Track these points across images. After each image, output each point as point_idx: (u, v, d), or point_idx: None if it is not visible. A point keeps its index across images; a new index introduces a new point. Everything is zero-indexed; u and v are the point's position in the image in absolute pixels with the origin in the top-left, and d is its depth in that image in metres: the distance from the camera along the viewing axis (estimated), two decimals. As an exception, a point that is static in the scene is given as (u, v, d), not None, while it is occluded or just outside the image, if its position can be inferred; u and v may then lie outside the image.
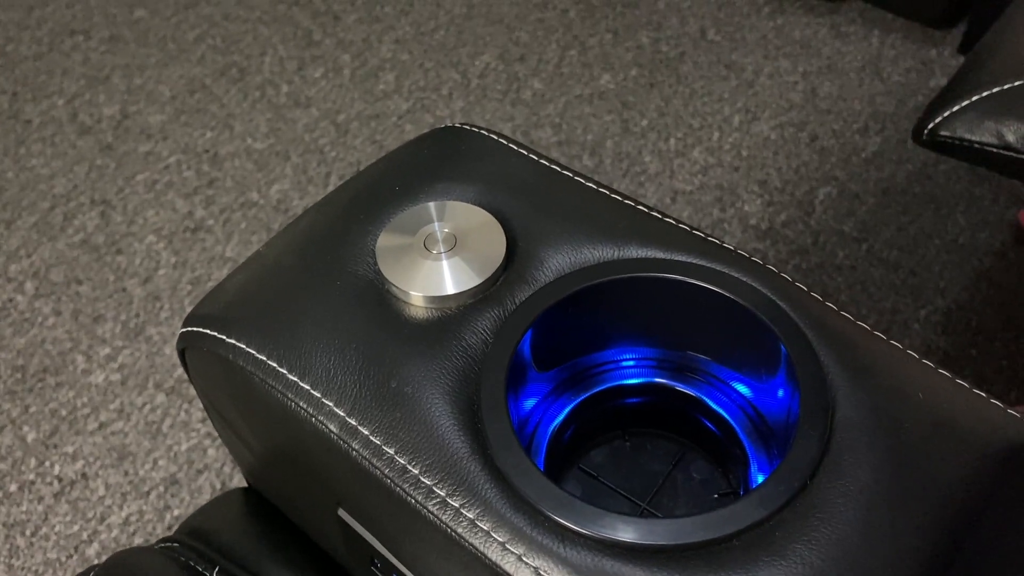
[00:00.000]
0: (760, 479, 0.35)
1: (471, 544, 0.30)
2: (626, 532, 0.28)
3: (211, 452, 0.98)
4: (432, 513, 0.31)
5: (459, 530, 0.30)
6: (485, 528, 0.30)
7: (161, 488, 0.96)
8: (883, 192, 1.18)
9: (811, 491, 0.29)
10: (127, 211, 1.21)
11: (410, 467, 0.31)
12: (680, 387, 0.38)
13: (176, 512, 0.95)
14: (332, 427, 0.33)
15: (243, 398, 0.37)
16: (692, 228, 0.37)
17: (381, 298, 0.36)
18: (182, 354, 0.39)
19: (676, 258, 0.35)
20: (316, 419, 0.33)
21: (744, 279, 0.34)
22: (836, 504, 0.29)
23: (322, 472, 0.36)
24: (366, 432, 0.32)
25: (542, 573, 0.29)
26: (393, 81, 1.37)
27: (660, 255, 0.36)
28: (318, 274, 0.37)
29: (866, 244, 1.12)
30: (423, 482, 0.31)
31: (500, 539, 0.29)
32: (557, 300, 0.35)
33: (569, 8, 1.45)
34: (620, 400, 0.39)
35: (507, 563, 0.29)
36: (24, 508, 0.95)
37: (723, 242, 0.37)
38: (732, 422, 0.37)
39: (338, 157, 1.27)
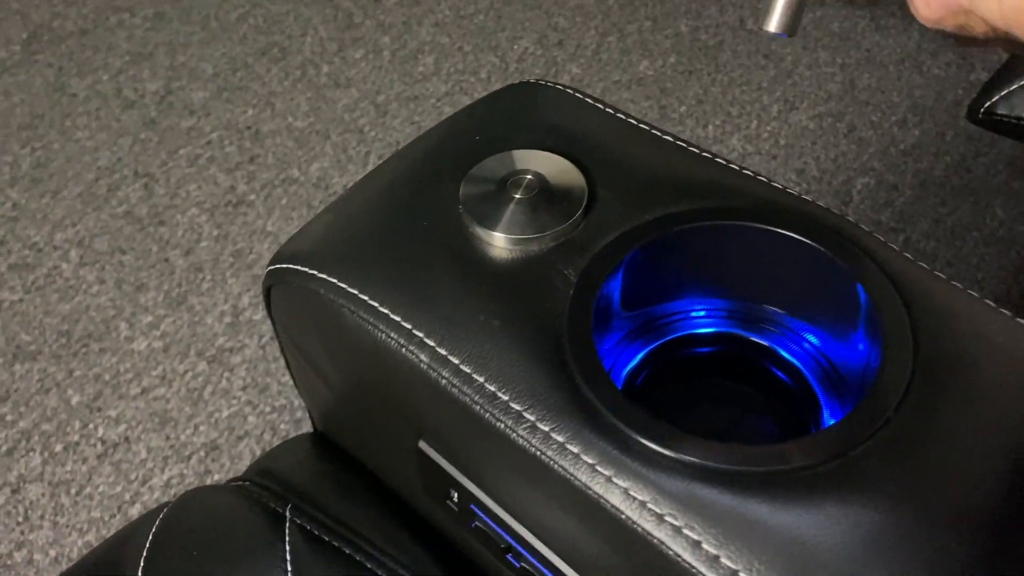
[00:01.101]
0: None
1: (561, 466, 0.31)
2: (715, 456, 0.29)
3: (251, 419, 1.00)
4: (522, 437, 0.32)
5: (549, 453, 0.31)
6: (575, 451, 0.31)
7: (202, 453, 0.98)
8: (921, 184, 1.18)
9: (894, 425, 0.30)
10: (170, 184, 1.23)
11: (500, 394, 0.32)
12: (752, 336, 0.39)
13: (216, 476, 0.96)
14: (423, 357, 0.34)
15: (331, 333, 0.38)
16: (770, 180, 0.38)
17: (466, 240, 0.37)
18: (267, 292, 0.41)
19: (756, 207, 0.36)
20: (407, 349, 0.34)
21: (824, 226, 0.35)
22: (919, 438, 0.30)
23: (406, 404, 0.37)
24: (456, 361, 0.33)
25: (632, 494, 0.30)
26: (432, 64, 1.38)
27: (740, 205, 0.37)
28: (404, 215, 0.38)
29: (903, 235, 1.13)
30: (513, 408, 0.32)
31: (590, 461, 0.30)
32: (641, 244, 0.36)
33: (608, -4, 1.46)
34: (692, 348, 0.40)
35: (596, 484, 0.30)
36: (69, 468, 0.96)
37: (800, 194, 0.38)
38: (804, 370, 0.38)
39: (377, 137, 1.28)
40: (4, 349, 1.06)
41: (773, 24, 0.32)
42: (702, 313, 0.40)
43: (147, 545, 0.41)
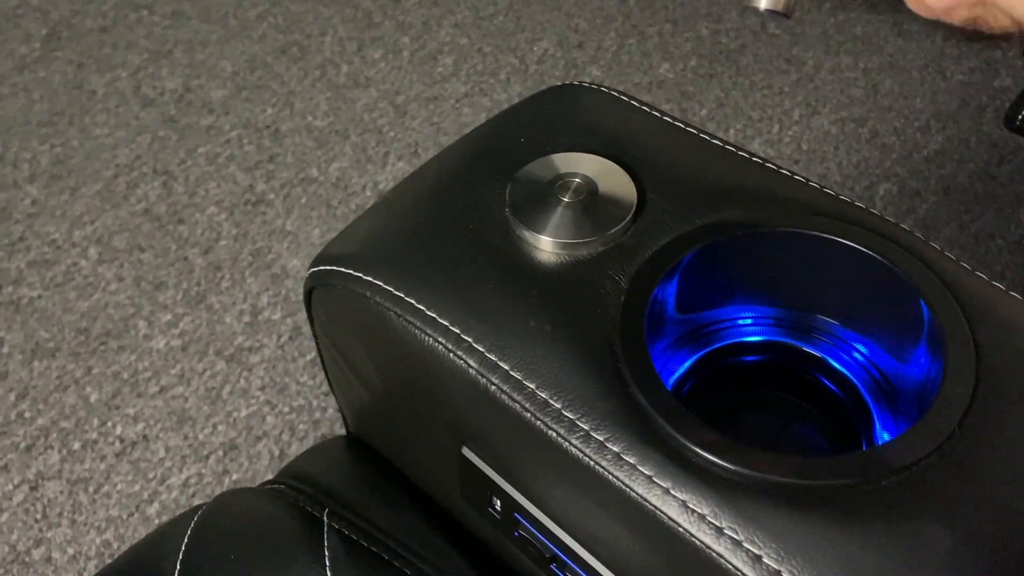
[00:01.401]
0: (886, 437, 0.35)
1: (616, 477, 0.30)
2: (777, 469, 0.29)
3: (270, 419, 1.00)
4: (575, 447, 0.31)
5: (604, 463, 0.30)
6: (631, 462, 0.30)
7: (220, 452, 0.97)
8: (944, 190, 1.17)
9: (959, 440, 0.29)
10: (189, 182, 1.23)
11: (552, 401, 0.32)
12: (802, 346, 0.38)
13: (235, 476, 0.96)
14: (471, 362, 0.33)
15: (375, 336, 0.37)
16: (823, 187, 0.37)
17: (513, 244, 0.37)
18: (308, 294, 0.40)
19: (812, 215, 0.36)
20: (455, 355, 0.34)
21: (882, 236, 0.35)
22: (984, 453, 0.29)
23: (450, 409, 0.36)
24: (506, 367, 0.33)
25: (690, 506, 0.29)
26: (451, 64, 1.38)
27: (794, 211, 0.36)
28: (450, 218, 0.38)
29: (926, 241, 1.12)
30: (566, 416, 0.31)
31: (647, 472, 0.30)
32: (693, 250, 0.35)
33: (628, -2, 1.45)
34: (739, 357, 0.39)
35: (653, 496, 0.30)
36: (87, 466, 0.96)
37: (854, 201, 0.37)
38: (856, 381, 0.37)
39: (396, 138, 1.28)
40: (23, 346, 1.06)
41: (764, 1, 0.29)
42: (749, 321, 0.39)
43: (183, 547, 0.40)
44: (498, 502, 0.37)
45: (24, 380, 1.03)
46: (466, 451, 0.37)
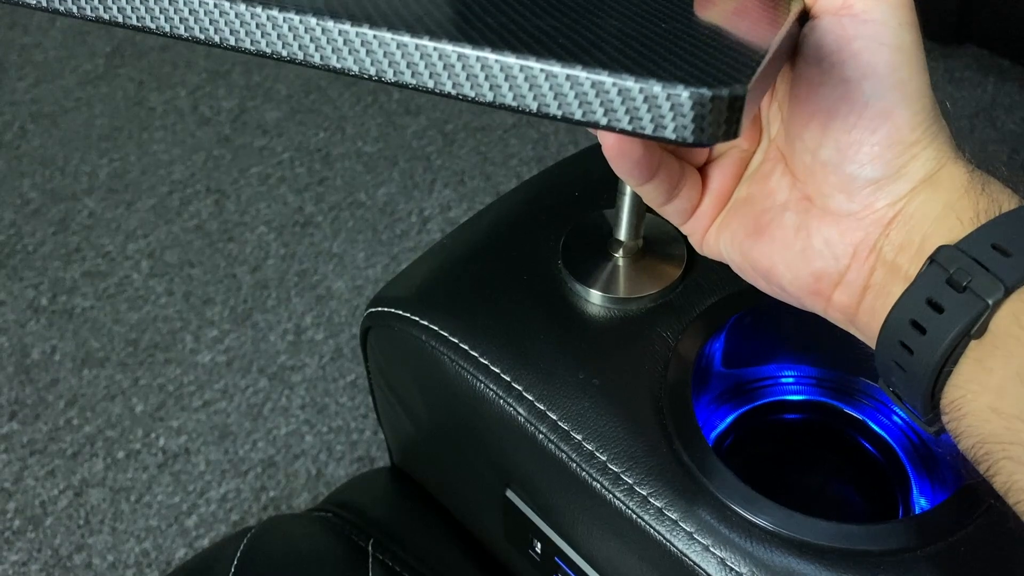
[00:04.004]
0: (923, 503, 0.36)
1: (657, 531, 0.31)
2: (815, 533, 0.30)
3: (308, 439, 1.01)
4: (619, 499, 0.32)
5: (646, 517, 0.31)
6: (673, 517, 0.31)
7: (259, 469, 0.99)
8: (990, 241, 1.16)
9: (997, 511, 0.30)
10: (240, 201, 1.26)
11: (598, 453, 0.33)
12: (842, 407, 0.39)
13: (272, 494, 0.98)
14: (521, 410, 0.35)
15: (427, 377, 0.39)
16: (869, 252, 0.38)
17: (564, 296, 0.38)
18: (364, 333, 0.42)
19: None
20: (505, 401, 0.35)
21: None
22: (1020, 526, 0.30)
23: (497, 453, 0.38)
24: (554, 417, 0.34)
25: (728, 564, 0.30)
26: (500, 95, 1.40)
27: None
28: (504, 268, 0.39)
29: (970, 292, 1.11)
30: (611, 469, 0.33)
31: (688, 529, 0.31)
32: (741, 311, 0.36)
33: (678, 36, 1.47)
34: (780, 414, 0.40)
35: (693, 552, 0.31)
36: (130, 475, 0.99)
37: (900, 268, 0.38)
38: (894, 445, 0.38)
39: (443, 166, 1.30)
40: (74, 354, 1.09)
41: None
42: (791, 379, 0.40)
43: (232, 570, 0.42)
44: (539, 545, 0.38)
45: (74, 388, 1.06)
46: (510, 494, 0.38)
